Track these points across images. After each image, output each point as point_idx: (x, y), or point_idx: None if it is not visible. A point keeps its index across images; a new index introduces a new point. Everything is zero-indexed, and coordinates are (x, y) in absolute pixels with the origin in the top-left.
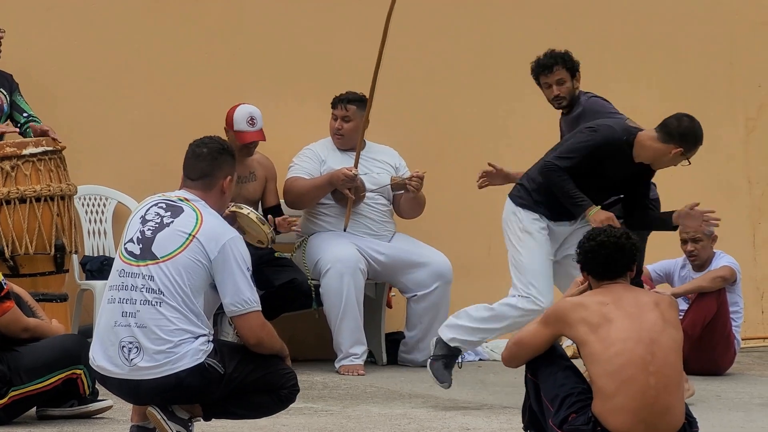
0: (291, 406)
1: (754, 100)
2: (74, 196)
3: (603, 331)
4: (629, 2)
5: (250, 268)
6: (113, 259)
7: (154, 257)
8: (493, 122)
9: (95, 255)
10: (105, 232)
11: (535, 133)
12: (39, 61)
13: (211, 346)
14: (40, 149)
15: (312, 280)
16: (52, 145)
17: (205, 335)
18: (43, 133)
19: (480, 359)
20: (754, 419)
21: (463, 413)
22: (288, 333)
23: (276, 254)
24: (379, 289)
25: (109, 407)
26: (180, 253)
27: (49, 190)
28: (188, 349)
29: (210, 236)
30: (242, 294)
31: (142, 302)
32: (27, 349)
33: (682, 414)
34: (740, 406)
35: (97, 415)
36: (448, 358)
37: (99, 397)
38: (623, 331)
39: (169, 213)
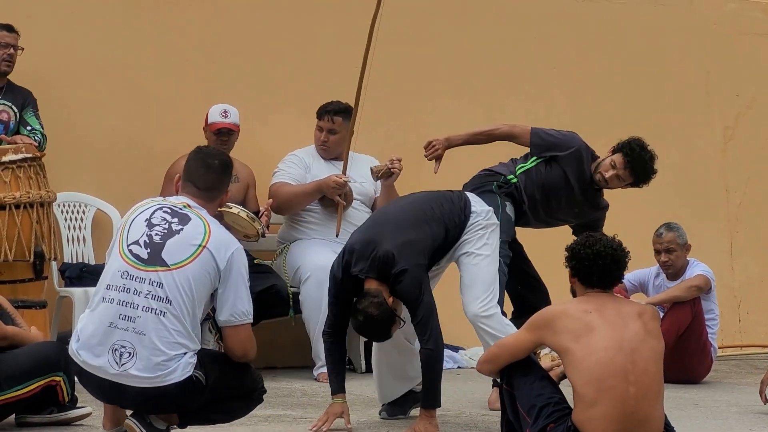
0: (269, 413)
1: (732, 109)
2: (53, 203)
3: (585, 340)
4: (607, 13)
5: (249, 280)
6: (92, 266)
7: (164, 264)
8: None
9: (74, 262)
10: (84, 240)
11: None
12: (19, 69)
13: (195, 357)
14: (19, 156)
15: (291, 287)
16: (32, 152)
17: (195, 351)
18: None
19: (458, 367)
20: (731, 427)
21: (442, 421)
22: (267, 341)
23: (256, 261)
24: None
25: (89, 414)
26: (191, 262)
27: (29, 197)
28: (180, 363)
29: (219, 246)
30: (242, 306)
31: (144, 308)
32: (6, 357)
33: (661, 423)
34: (717, 414)
35: (76, 422)
36: None
37: (78, 405)
38: (605, 339)
39: (176, 219)
